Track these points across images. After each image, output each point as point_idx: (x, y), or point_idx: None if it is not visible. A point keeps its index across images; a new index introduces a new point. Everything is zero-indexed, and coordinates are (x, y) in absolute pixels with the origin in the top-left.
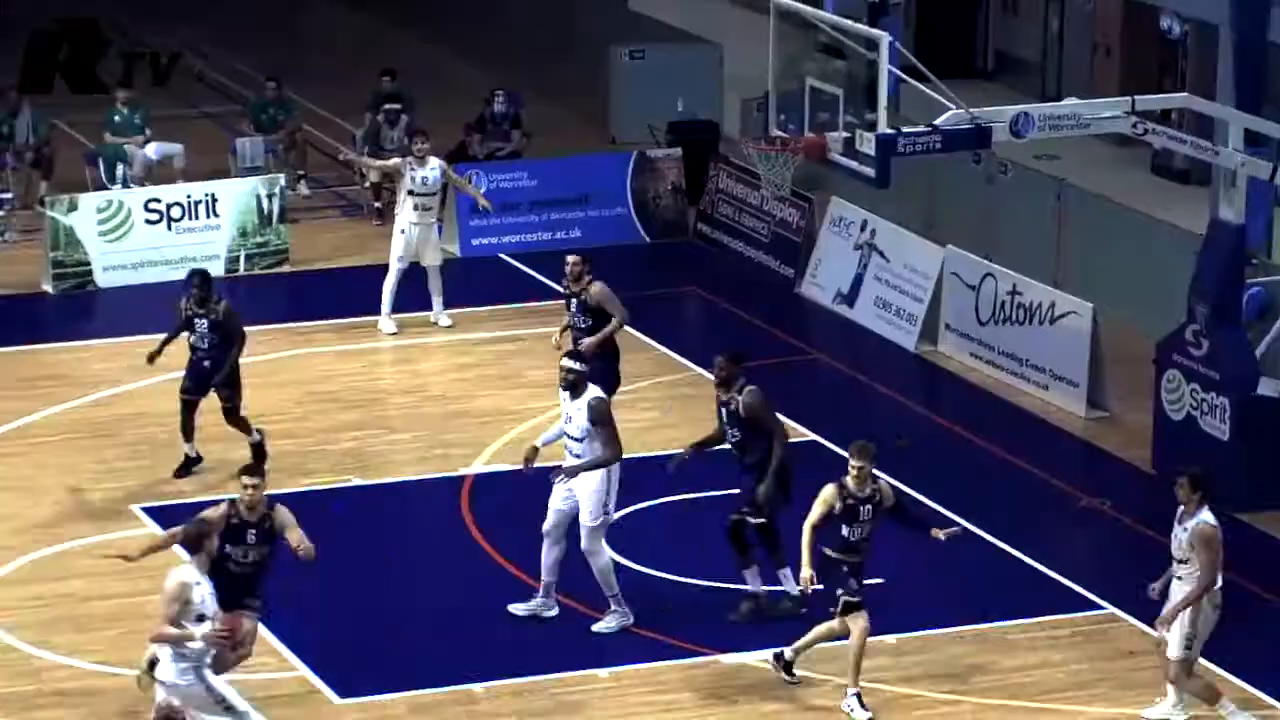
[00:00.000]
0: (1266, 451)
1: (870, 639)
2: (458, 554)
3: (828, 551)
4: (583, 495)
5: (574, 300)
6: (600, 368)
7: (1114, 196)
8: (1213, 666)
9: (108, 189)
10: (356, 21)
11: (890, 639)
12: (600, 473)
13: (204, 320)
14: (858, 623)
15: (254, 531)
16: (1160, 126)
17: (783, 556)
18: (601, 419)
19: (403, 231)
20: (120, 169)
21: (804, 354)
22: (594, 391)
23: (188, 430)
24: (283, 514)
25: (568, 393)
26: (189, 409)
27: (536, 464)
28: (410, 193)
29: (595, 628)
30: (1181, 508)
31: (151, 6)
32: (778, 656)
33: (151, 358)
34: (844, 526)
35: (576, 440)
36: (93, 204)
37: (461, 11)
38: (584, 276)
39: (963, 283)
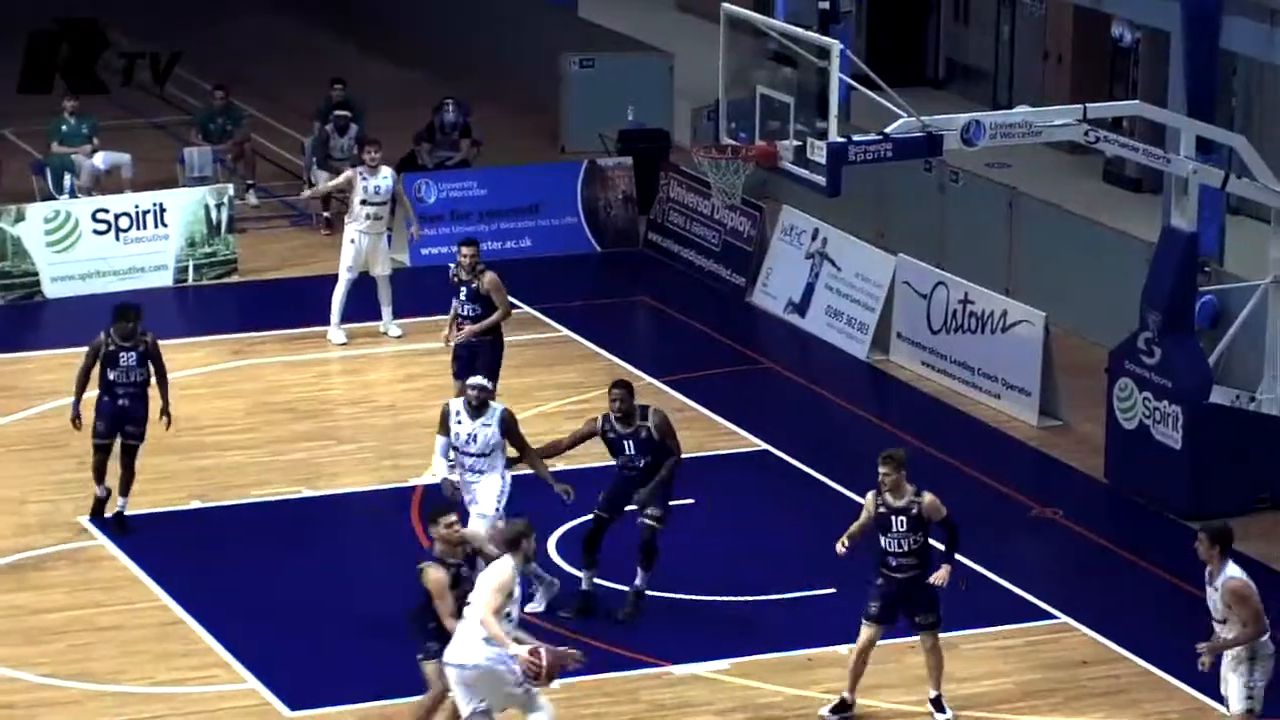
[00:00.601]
0: (1219, 460)
1: (823, 649)
2: (409, 565)
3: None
4: (484, 492)
5: (464, 288)
6: (488, 357)
7: (1066, 205)
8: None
9: (55, 199)
10: (303, 30)
11: (842, 649)
12: (499, 474)
13: (130, 353)
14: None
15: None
16: (1112, 134)
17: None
18: (516, 427)
19: (353, 241)
20: (68, 179)
21: (755, 363)
22: (497, 406)
23: (100, 472)
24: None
25: (471, 412)
26: (105, 453)
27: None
28: (363, 202)
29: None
30: (1208, 567)
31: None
32: (934, 702)
33: (75, 422)
34: (880, 536)
35: (479, 456)
36: (40, 214)
37: (409, 20)
38: (478, 265)
39: (914, 291)
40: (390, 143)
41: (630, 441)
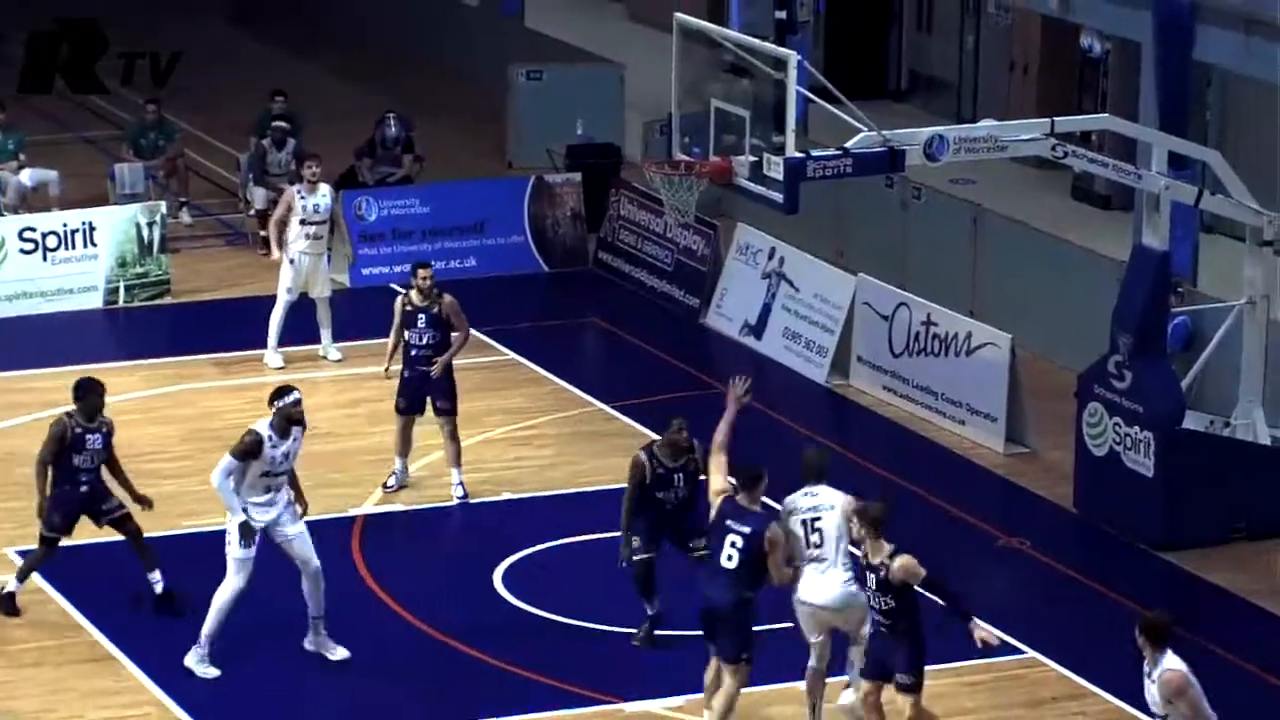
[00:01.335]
0: (1193, 488)
1: (779, 685)
2: (348, 598)
3: None
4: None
5: (423, 315)
6: (446, 383)
7: (1033, 222)
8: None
9: None
10: (238, 41)
11: (800, 685)
12: None
13: (96, 436)
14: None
15: None
16: (1081, 149)
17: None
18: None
19: (292, 261)
20: None
21: (709, 388)
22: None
23: (33, 568)
24: None
25: (286, 432)
26: (54, 548)
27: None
28: (302, 221)
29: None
30: (1145, 659)
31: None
32: None
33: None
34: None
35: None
36: None
37: (349, 30)
38: (434, 290)
39: (875, 313)
40: (329, 158)
41: (680, 475)
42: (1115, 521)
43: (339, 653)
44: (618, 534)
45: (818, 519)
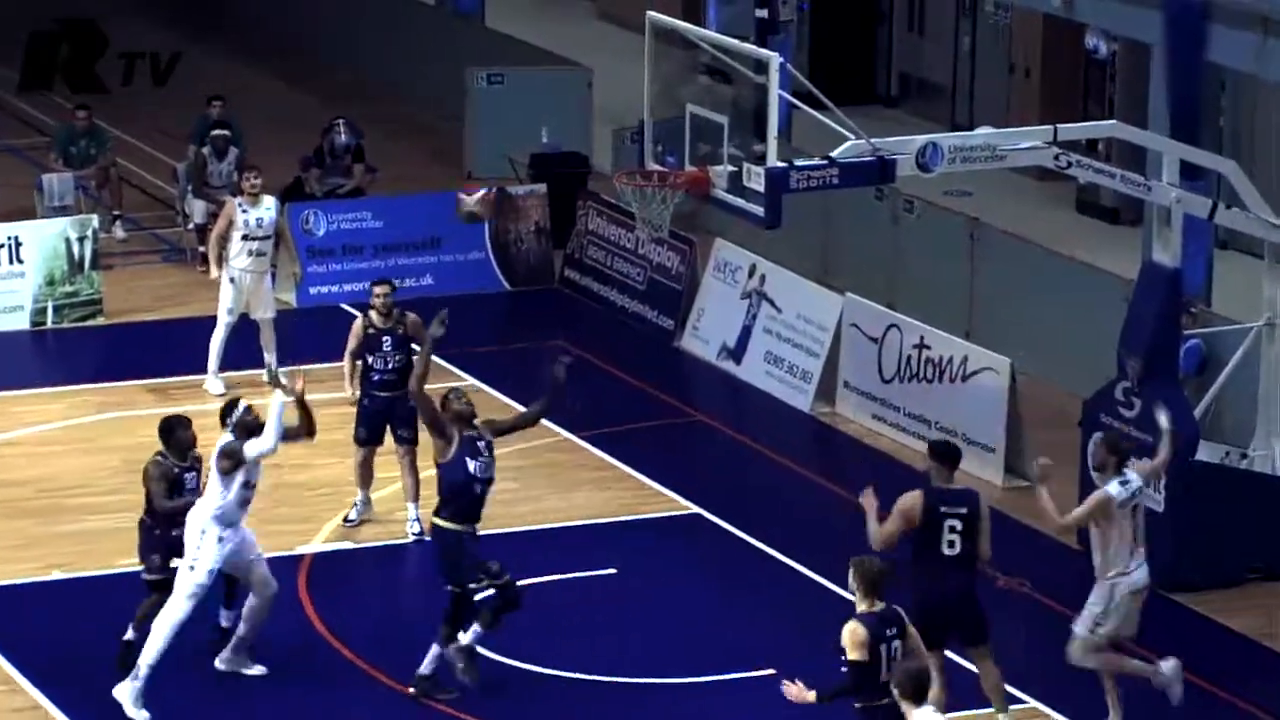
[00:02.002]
0: (1206, 525)
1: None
2: (295, 641)
3: None
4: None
5: (388, 337)
6: (406, 409)
7: (1034, 237)
8: None
9: None
10: (172, 41)
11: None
12: None
13: (193, 474)
14: None
15: None
16: (1085, 158)
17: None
18: None
19: (233, 280)
20: None
21: (685, 416)
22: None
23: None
24: None
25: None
26: (165, 590)
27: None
28: (244, 236)
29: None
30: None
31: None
32: None
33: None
34: None
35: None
36: None
37: (295, 31)
38: (394, 309)
39: (864, 335)
40: (273, 169)
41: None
42: None
43: (256, 669)
44: (587, 573)
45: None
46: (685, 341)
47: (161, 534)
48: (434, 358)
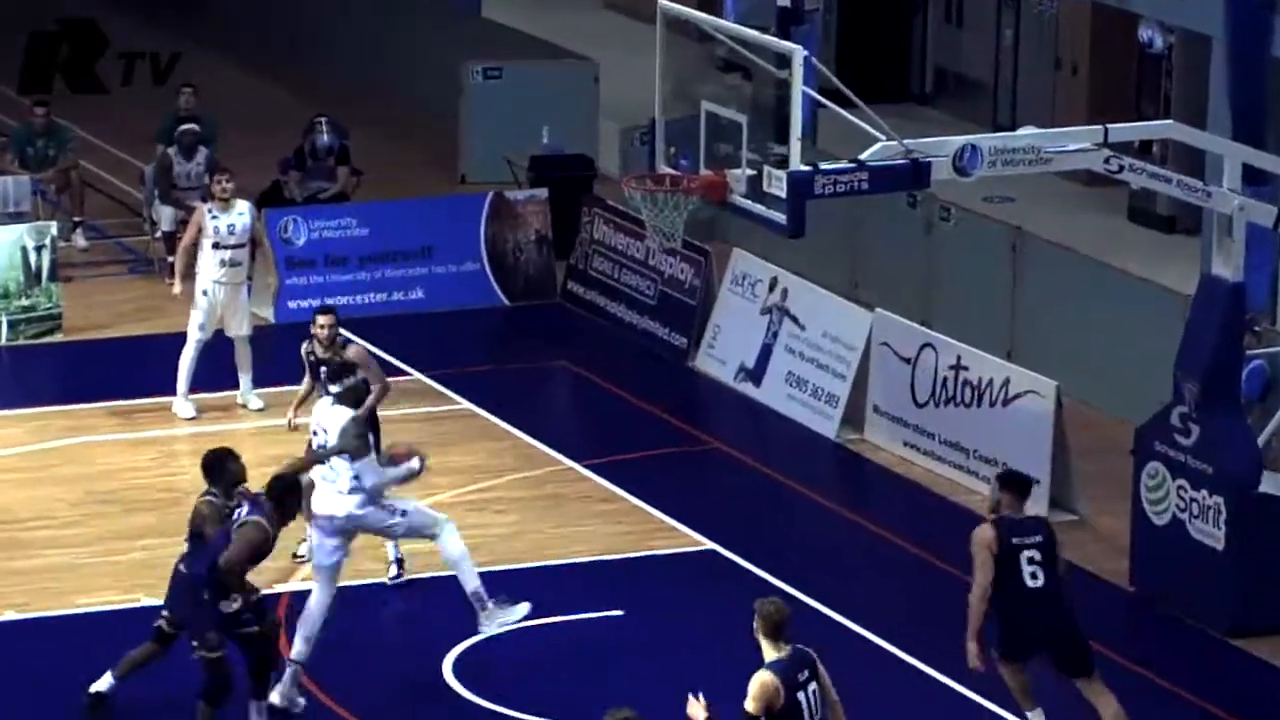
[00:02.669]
0: (1271, 563)
1: None
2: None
3: None
4: None
5: (324, 368)
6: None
7: (1082, 248)
8: None
9: None
10: (137, 32)
11: None
12: None
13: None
14: None
15: None
16: (1139, 161)
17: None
18: None
19: (205, 293)
20: None
21: (699, 443)
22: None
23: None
24: None
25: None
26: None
27: None
28: (215, 245)
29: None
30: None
31: None
32: None
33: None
34: None
35: None
36: None
37: (272, 21)
38: (337, 339)
39: (895, 355)
40: (249, 171)
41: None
42: (1179, 602)
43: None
44: (590, 615)
45: None
46: (700, 361)
47: (212, 600)
48: (425, 378)
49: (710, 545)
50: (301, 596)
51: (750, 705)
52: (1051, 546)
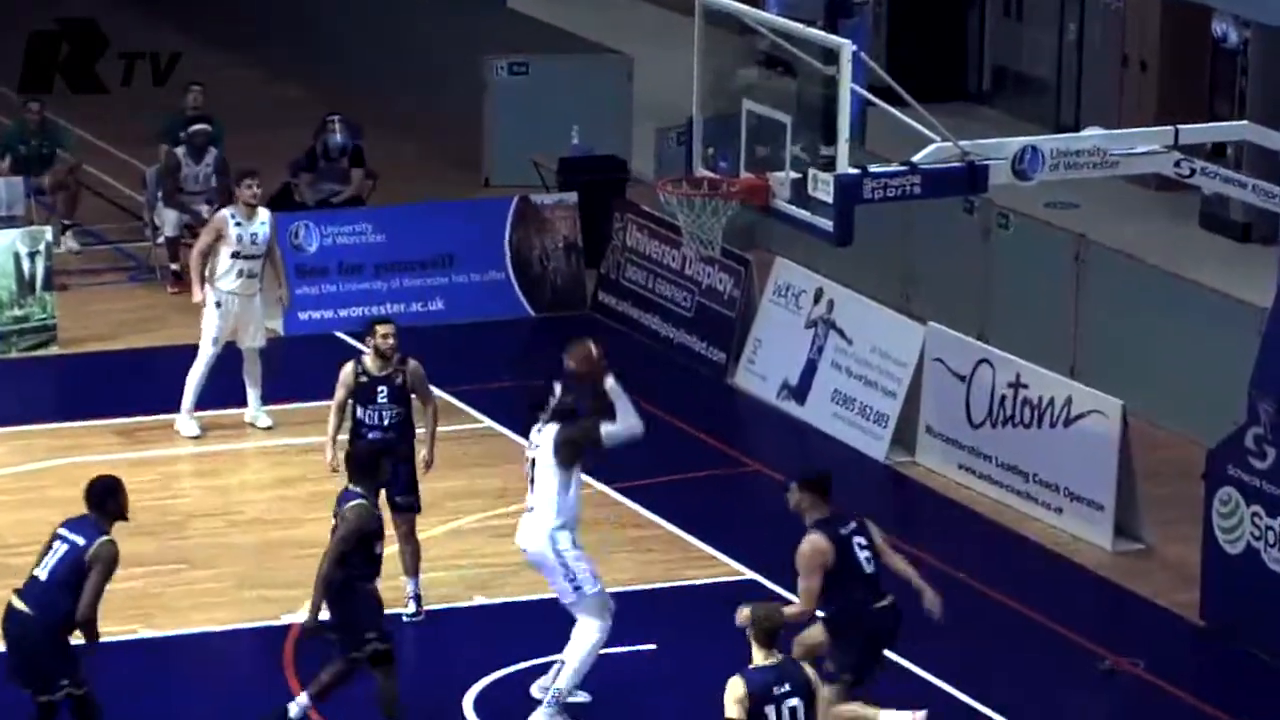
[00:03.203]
0: None
1: None
2: None
3: None
4: None
5: (384, 387)
6: (408, 473)
7: (1150, 258)
8: None
9: None
10: (137, 28)
11: None
12: None
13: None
14: None
15: None
16: (1211, 165)
17: None
18: None
19: (219, 304)
20: None
21: (738, 465)
22: None
23: None
24: None
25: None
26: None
27: None
28: (235, 254)
29: None
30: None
31: None
32: None
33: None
34: None
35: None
36: None
37: (281, 14)
38: (397, 353)
39: (950, 372)
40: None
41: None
42: (1252, 636)
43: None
44: (621, 649)
45: None
46: (740, 378)
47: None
48: (446, 395)
49: (750, 575)
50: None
51: (731, 713)
52: (870, 532)
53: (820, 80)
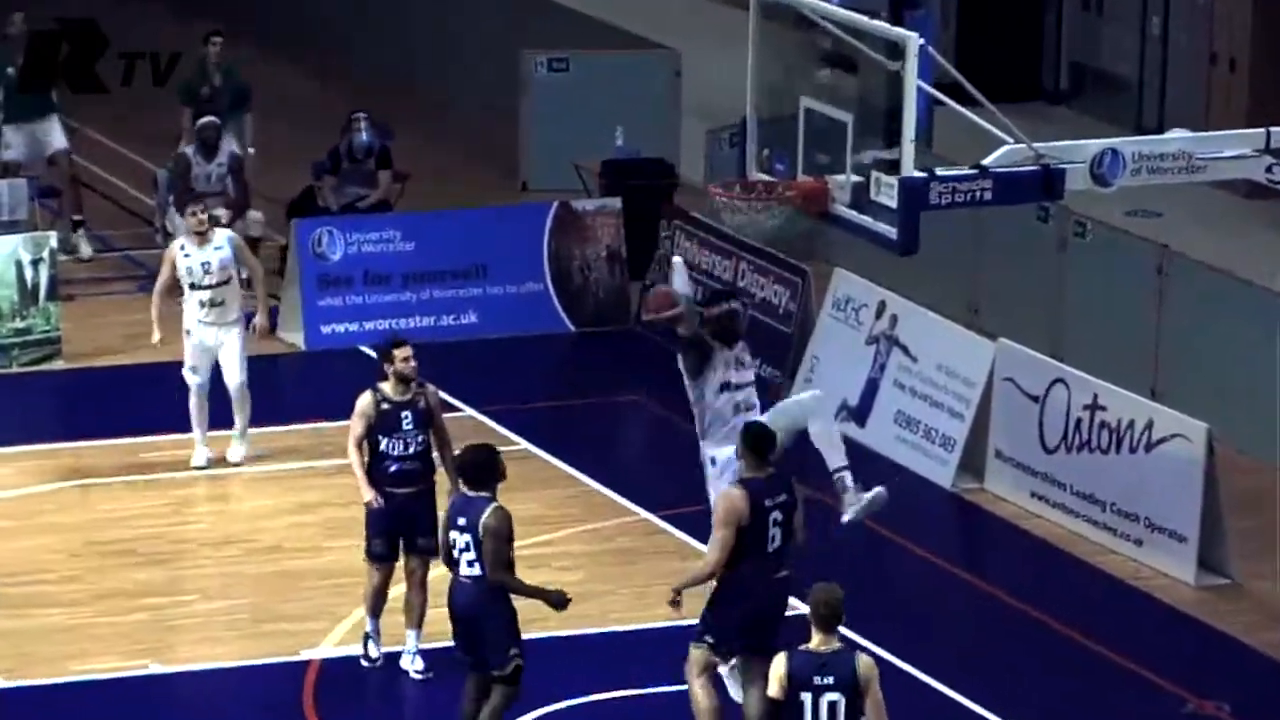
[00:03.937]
0: None
1: None
2: None
3: None
4: None
5: (408, 413)
6: (430, 512)
7: (1239, 270)
8: None
9: None
10: (150, 21)
11: None
12: None
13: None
14: None
15: None
16: None
17: None
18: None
19: (188, 333)
20: None
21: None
22: None
23: None
24: None
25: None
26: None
27: None
28: (191, 285)
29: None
30: None
31: None
32: None
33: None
34: None
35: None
36: None
37: (304, 8)
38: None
39: (1021, 392)
40: (278, 174)
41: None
42: None
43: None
44: (665, 689)
45: None
46: None
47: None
48: (478, 415)
49: (802, 609)
50: (338, 664)
51: (770, 689)
52: (793, 508)
53: (884, 77)
